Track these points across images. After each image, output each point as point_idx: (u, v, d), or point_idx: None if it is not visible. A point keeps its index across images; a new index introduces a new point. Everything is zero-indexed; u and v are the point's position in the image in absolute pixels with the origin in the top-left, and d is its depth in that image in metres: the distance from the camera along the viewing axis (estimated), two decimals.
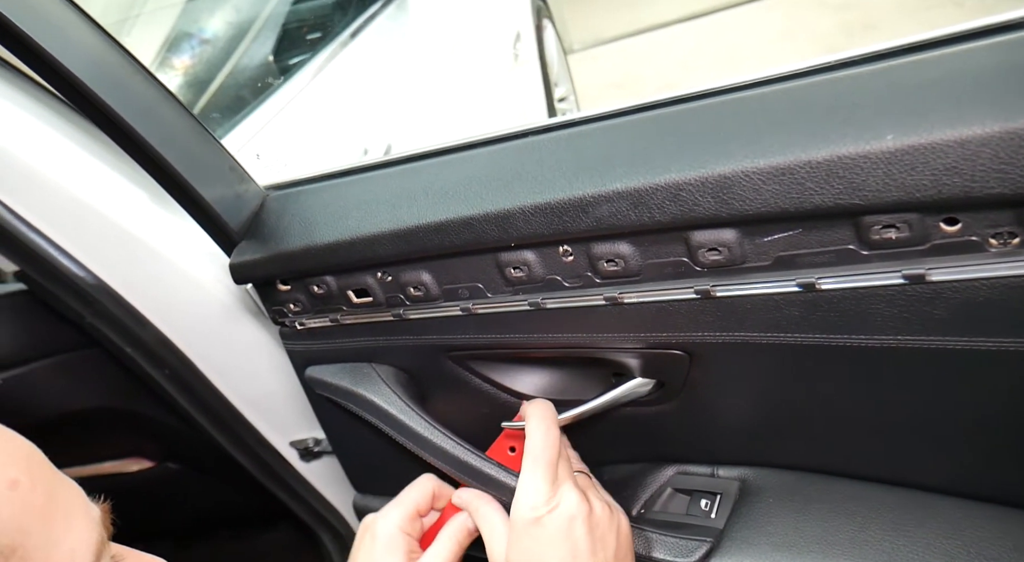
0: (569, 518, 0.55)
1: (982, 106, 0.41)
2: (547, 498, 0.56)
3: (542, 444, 0.59)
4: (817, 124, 0.47)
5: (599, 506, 0.58)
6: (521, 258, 0.60)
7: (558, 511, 0.55)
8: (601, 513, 0.57)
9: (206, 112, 1.20)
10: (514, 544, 0.57)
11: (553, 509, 0.55)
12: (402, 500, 0.65)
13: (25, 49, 0.57)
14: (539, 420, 0.61)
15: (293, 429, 0.94)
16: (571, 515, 0.55)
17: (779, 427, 0.63)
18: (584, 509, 0.56)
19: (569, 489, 0.57)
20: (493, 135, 0.65)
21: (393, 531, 0.63)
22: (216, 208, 0.68)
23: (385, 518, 0.64)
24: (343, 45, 1.37)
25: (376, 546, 0.62)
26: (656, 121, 0.56)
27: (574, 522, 0.55)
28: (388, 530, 0.63)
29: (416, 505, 0.64)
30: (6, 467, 0.32)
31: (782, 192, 0.47)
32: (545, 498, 0.56)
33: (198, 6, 1.47)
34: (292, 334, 0.77)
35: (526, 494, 0.57)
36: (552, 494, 0.56)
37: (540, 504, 0.56)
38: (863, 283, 0.49)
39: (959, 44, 0.47)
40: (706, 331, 0.57)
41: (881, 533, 0.58)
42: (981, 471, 0.56)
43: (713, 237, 0.52)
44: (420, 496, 0.65)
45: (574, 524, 0.55)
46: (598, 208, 0.53)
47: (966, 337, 0.48)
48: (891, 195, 0.44)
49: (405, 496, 0.65)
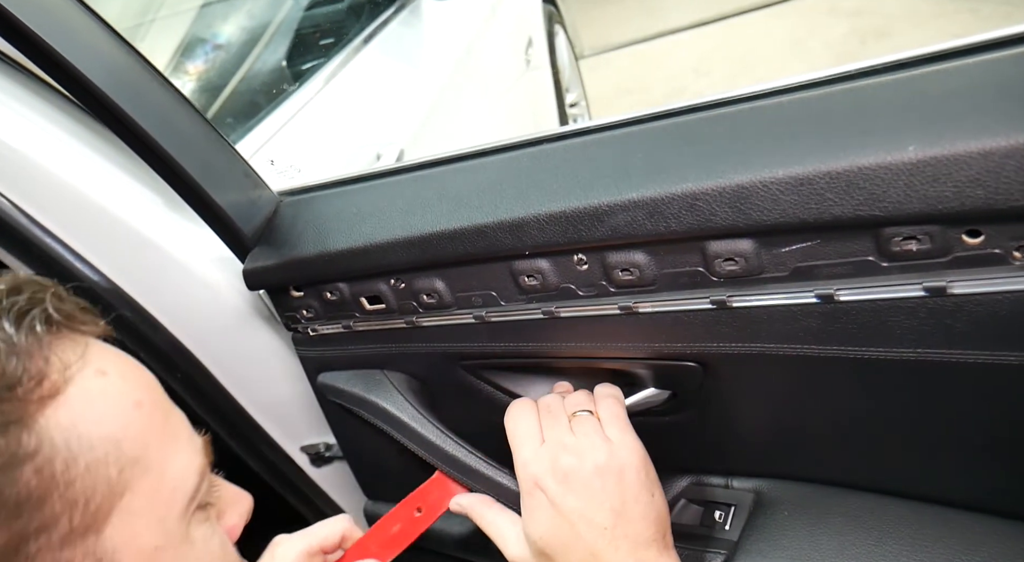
0: (561, 487, 0.53)
1: (1006, 117, 0.41)
2: (532, 473, 0.54)
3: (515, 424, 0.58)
4: (837, 134, 0.46)
5: (596, 457, 0.54)
6: (535, 266, 0.59)
7: (548, 483, 0.53)
8: (602, 464, 0.54)
9: (219, 117, 1.20)
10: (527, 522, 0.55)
11: (544, 478, 0.54)
12: (312, 532, 0.62)
13: (42, 54, 0.57)
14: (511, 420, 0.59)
15: (304, 434, 0.94)
16: (564, 480, 0.53)
17: (795, 439, 0.63)
18: (574, 467, 0.53)
19: (556, 460, 0.54)
20: (507, 142, 0.65)
21: (292, 557, 0.59)
22: (230, 213, 0.68)
23: (289, 542, 0.60)
24: (356, 51, 1.37)
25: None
26: (672, 129, 0.56)
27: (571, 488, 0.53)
28: (288, 555, 0.59)
29: (323, 540, 0.61)
30: (133, 390, 0.38)
31: (801, 202, 0.46)
32: (531, 476, 0.54)
33: (212, 12, 1.48)
34: (305, 340, 0.77)
35: (520, 470, 0.55)
36: (537, 467, 0.54)
37: (526, 479, 0.55)
38: (883, 295, 0.48)
39: (982, 54, 0.46)
40: (722, 342, 0.56)
41: (898, 547, 0.57)
42: (1002, 486, 0.55)
43: (730, 247, 0.51)
44: (330, 533, 0.62)
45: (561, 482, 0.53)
46: (613, 217, 0.53)
47: (988, 351, 0.47)
48: (912, 206, 0.43)
49: (316, 529, 0.62)
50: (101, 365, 0.37)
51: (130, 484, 0.35)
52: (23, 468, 0.31)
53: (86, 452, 0.34)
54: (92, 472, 0.34)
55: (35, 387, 0.33)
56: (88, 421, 0.34)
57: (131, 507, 0.35)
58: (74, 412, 0.34)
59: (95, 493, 0.34)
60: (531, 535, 0.55)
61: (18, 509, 0.31)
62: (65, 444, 0.33)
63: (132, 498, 0.35)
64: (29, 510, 0.31)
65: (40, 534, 0.31)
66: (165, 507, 0.37)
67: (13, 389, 0.32)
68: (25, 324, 0.34)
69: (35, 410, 0.33)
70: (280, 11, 1.50)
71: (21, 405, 0.32)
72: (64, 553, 0.32)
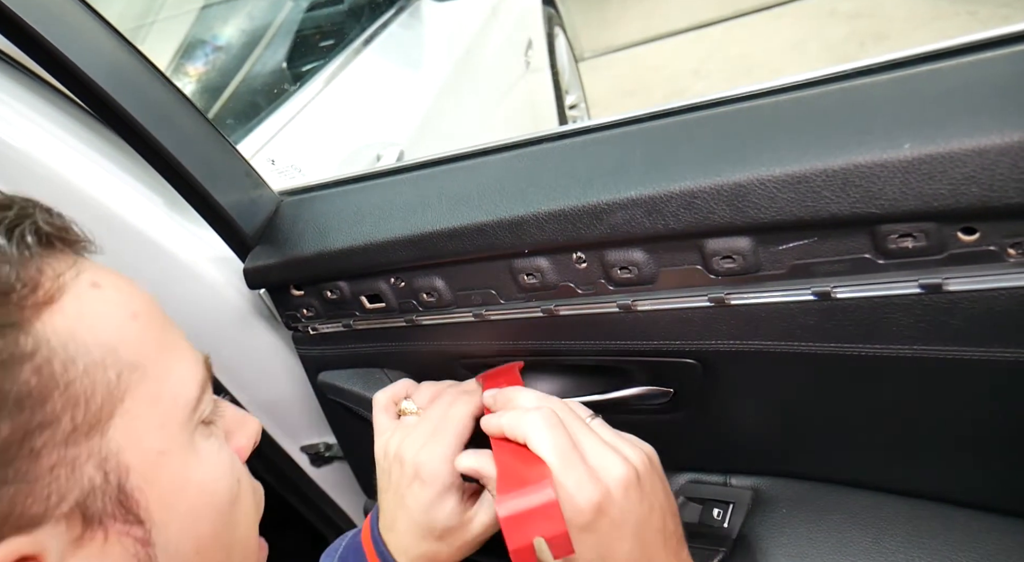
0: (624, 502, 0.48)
1: (1001, 115, 0.41)
2: (592, 500, 0.47)
3: (552, 444, 0.49)
4: (833, 132, 0.47)
5: (637, 460, 0.50)
6: (534, 265, 0.60)
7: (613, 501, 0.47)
8: (643, 467, 0.50)
9: (220, 118, 1.21)
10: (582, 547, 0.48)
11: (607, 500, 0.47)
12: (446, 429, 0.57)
13: (45, 54, 0.57)
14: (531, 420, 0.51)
15: (304, 434, 0.94)
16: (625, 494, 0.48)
17: (793, 436, 0.63)
18: (632, 476, 0.48)
19: (610, 475, 0.48)
20: (507, 142, 0.65)
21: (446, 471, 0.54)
22: (231, 213, 0.69)
23: (431, 454, 0.55)
24: (356, 52, 1.38)
25: (427, 492, 0.55)
26: (670, 129, 0.56)
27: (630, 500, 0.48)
28: (439, 472, 0.54)
29: None
30: (129, 302, 0.39)
31: (798, 200, 0.47)
32: (590, 501, 0.47)
33: (212, 13, 1.48)
34: (305, 339, 0.77)
35: (570, 503, 0.47)
36: (595, 491, 0.47)
37: (588, 509, 0.47)
38: (879, 292, 0.48)
39: (977, 53, 0.47)
40: (720, 339, 0.56)
41: (896, 544, 0.57)
42: (999, 482, 0.56)
43: (728, 245, 0.52)
44: None
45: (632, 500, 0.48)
46: (612, 215, 0.53)
47: (984, 347, 0.47)
48: (908, 204, 0.43)
49: None
50: (95, 278, 0.38)
51: (130, 389, 0.36)
52: (22, 367, 0.32)
53: (83, 355, 0.34)
54: (90, 374, 0.34)
55: (29, 294, 0.34)
56: (84, 328, 0.35)
57: (132, 411, 0.36)
58: (69, 319, 0.35)
59: (95, 394, 0.34)
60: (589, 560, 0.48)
61: (20, 404, 0.31)
62: (62, 347, 0.34)
63: (133, 403, 0.36)
64: (31, 406, 0.32)
65: (44, 429, 0.32)
66: (166, 413, 0.38)
67: (8, 295, 0.33)
68: (16, 235, 0.35)
69: (31, 315, 0.33)
70: (280, 13, 1.50)
71: (17, 309, 0.33)
72: (70, 450, 0.33)
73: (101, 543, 0.34)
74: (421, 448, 0.57)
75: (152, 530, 0.36)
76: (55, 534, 0.32)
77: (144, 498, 0.36)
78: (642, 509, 0.48)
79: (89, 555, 0.34)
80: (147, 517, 0.36)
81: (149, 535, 0.36)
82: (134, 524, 0.35)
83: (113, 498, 0.35)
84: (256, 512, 0.47)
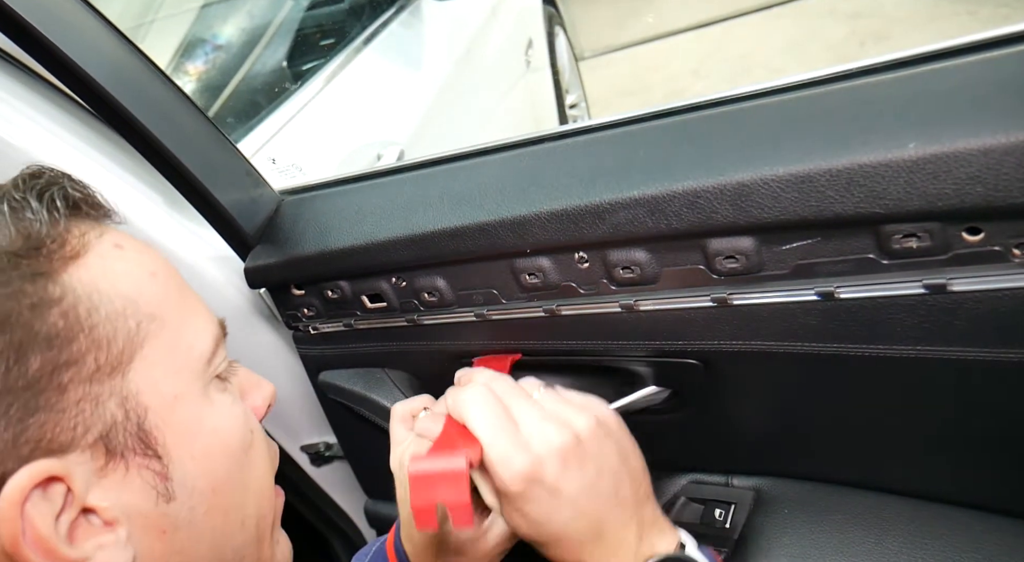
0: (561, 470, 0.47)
1: (1006, 114, 0.41)
2: (520, 470, 0.47)
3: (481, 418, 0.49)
4: (837, 132, 0.46)
5: (582, 426, 0.49)
6: (536, 265, 0.60)
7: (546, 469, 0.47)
8: (588, 432, 0.49)
9: (220, 117, 1.20)
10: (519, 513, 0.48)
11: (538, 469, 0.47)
12: None
13: (45, 53, 0.57)
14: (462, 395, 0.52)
15: (304, 433, 0.94)
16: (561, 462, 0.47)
17: (795, 437, 0.63)
18: (569, 443, 0.48)
19: (542, 444, 0.48)
20: (509, 141, 0.65)
21: None
22: (232, 212, 0.68)
23: None
24: (356, 51, 1.38)
25: None
26: (674, 128, 0.56)
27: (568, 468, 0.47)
28: None
29: None
30: (149, 262, 0.43)
31: (801, 200, 0.46)
32: (519, 472, 0.47)
33: (212, 12, 1.48)
34: (306, 338, 0.77)
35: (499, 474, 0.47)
36: (524, 460, 0.47)
37: (517, 479, 0.47)
38: (883, 292, 0.48)
39: (982, 52, 0.46)
40: (722, 339, 0.56)
41: (899, 545, 0.57)
42: (1002, 483, 0.56)
43: (731, 245, 0.52)
44: None
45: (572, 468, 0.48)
46: (615, 215, 0.53)
47: (988, 348, 0.47)
48: (913, 204, 0.43)
49: None
50: (117, 240, 0.43)
51: (148, 337, 0.40)
52: (51, 310, 0.36)
53: (105, 304, 0.38)
54: (112, 320, 0.38)
55: (58, 249, 0.38)
56: (106, 281, 0.39)
57: (150, 358, 0.40)
58: (93, 273, 0.39)
59: (116, 338, 0.38)
60: (526, 534, 0.49)
61: (49, 343, 0.35)
62: (87, 296, 0.38)
63: (151, 350, 0.40)
64: (59, 345, 0.36)
65: (70, 366, 0.36)
66: (182, 362, 0.42)
67: (39, 249, 0.37)
68: (46, 199, 0.39)
69: (59, 267, 0.38)
70: (281, 12, 1.50)
71: (46, 261, 0.37)
72: (93, 387, 0.37)
73: (123, 474, 0.38)
74: None
75: (169, 465, 0.40)
76: (81, 461, 0.36)
77: (162, 436, 0.39)
78: (584, 475, 0.48)
79: (112, 484, 0.37)
80: (164, 453, 0.39)
81: (167, 470, 0.39)
82: (153, 458, 0.39)
83: (133, 434, 0.38)
84: (271, 463, 0.49)
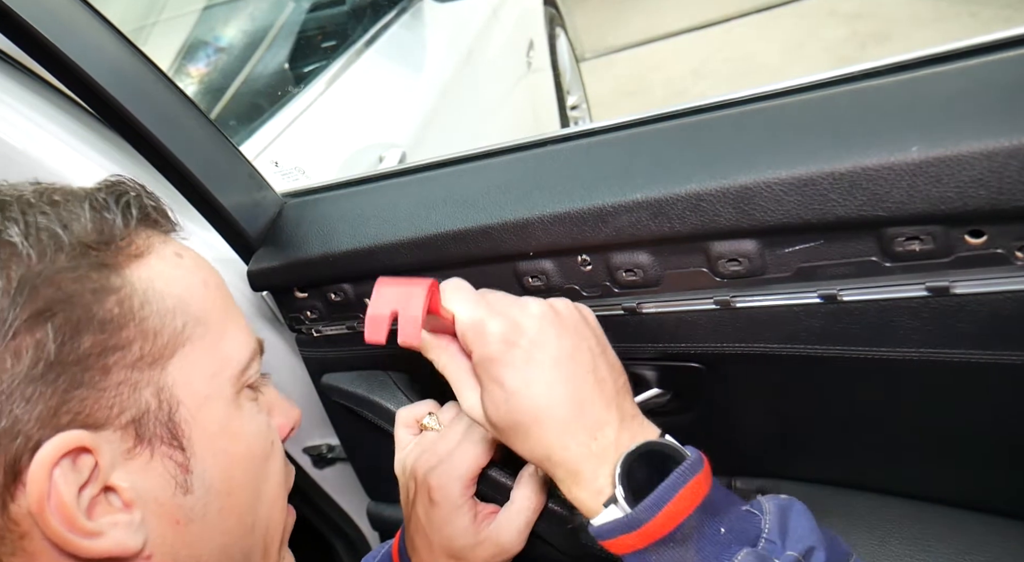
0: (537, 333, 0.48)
1: (1009, 118, 0.41)
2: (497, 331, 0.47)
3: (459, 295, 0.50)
4: (840, 135, 0.47)
5: (560, 303, 0.50)
6: (539, 267, 0.60)
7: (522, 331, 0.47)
8: (566, 309, 0.50)
9: (222, 119, 1.20)
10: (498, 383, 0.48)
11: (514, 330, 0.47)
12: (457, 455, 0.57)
13: (47, 55, 0.57)
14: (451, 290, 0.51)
15: (307, 435, 0.94)
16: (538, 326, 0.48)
17: (798, 439, 0.63)
18: (547, 311, 0.49)
19: (520, 311, 0.49)
20: (512, 144, 0.65)
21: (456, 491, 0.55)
22: (234, 215, 0.68)
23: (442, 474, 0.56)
24: (358, 54, 1.38)
25: (437, 511, 0.56)
26: (676, 131, 0.56)
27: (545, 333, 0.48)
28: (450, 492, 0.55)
29: None
30: (203, 272, 0.47)
31: (804, 203, 0.46)
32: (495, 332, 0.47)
33: (214, 14, 1.48)
34: (308, 341, 0.77)
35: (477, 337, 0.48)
36: (502, 322, 0.48)
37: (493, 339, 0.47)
38: (886, 295, 0.48)
39: (986, 56, 0.46)
40: (725, 342, 0.56)
41: (902, 547, 0.57)
42: (1005, 485, 0.56)
43: (733, 248, 0.52)
44: None
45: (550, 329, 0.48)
46: (617, 218, 0.53)
47: (991, 351, 0.47)
48: (916, 207, 0.43)
49: None
50: (179, 250, 0.47)
51: (191, 338, 0.43)
52: (109, 297, 0.40)
53: (158, 301, 0.42)
54: (161, 316, 0.42)
55: (125, 247, 0.43)
56: (162, 281, 0.43)
57: (190, 357, 0.43)
58: (152, 272, 0.43)
59: (162, 332, 0.42)
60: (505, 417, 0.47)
61: (103, 326, 0.39)
62: (143, 291, 0.42)
63: (191, 350, 0.43)
64: (111, 330, 0.39)
65: (117, 351, 0.39)
66: (218, 366, 0.45)
67: (109, 244, 0.42)
68: (122, 204, 0.44)
69: (123, 262, 0.42)
70: (282, 14, 1.50)
71: (112, 255, 0.42)
72: (134, 374, 0.40)
73: (147, 459, 0.40)
74: (434, 467, 0.57)
75: (192, 459, 0.42)
76: (111, 440, 0.39)
77: (189, 429, 0.42)
78: (562, 343, 0.48)
79: (136, 467, 0.40)
80: (188, 446, 0.42)
81: (188, 462, 0.42)
82: (177, 449, 0.41)
83: (163, 423, 0.41)
84: (287, 480, 0.51)
